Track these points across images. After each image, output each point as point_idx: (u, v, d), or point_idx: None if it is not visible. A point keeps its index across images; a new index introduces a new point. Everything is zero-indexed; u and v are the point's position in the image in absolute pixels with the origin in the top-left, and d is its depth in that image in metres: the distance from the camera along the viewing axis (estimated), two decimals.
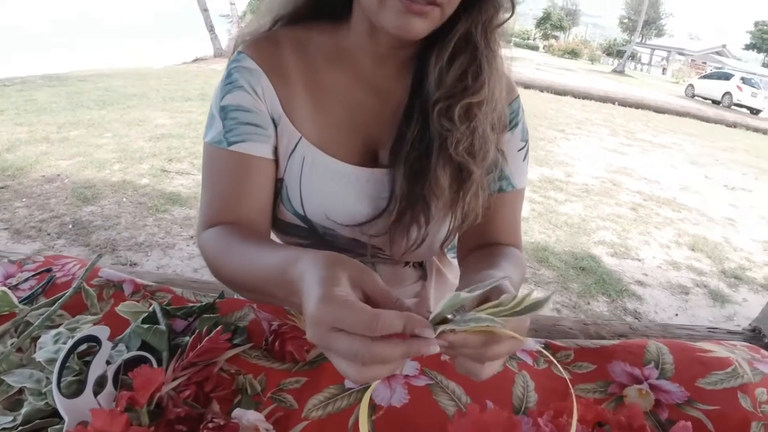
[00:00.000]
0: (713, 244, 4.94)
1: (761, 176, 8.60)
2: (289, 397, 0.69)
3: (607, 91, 15.50)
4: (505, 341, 0.52)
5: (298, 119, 0.82)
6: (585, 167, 6.93)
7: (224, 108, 0.81)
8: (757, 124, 15.67)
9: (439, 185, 0.79)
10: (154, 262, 2.97)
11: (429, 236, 0.85)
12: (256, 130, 0.81)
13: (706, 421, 0.72)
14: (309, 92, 0.83)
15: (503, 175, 0.87)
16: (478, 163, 0.80)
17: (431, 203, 0.80)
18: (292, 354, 0.73)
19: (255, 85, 0.81)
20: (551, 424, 0.65)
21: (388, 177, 0.82)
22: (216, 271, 0.79)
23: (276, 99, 0.81)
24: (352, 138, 0.84)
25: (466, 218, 0.84)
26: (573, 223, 4.75)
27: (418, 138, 0.80)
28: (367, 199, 0.84)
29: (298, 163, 0.83)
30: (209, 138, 0.82)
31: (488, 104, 0.78)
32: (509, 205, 0.90)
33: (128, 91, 7.98)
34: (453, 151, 0.78)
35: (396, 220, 0.82)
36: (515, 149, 0.89)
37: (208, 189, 0.84)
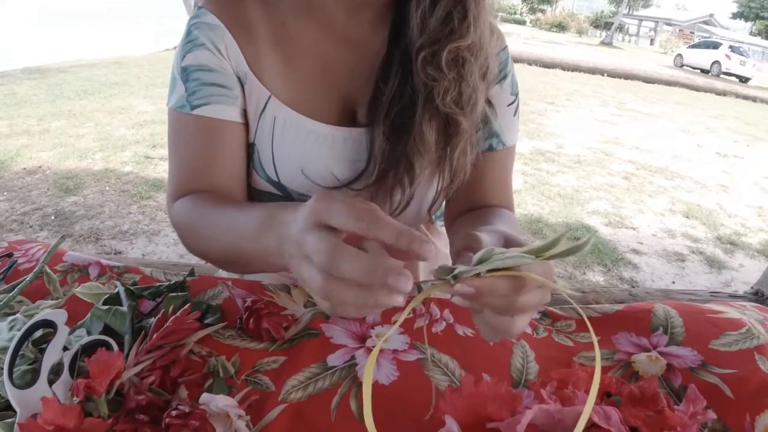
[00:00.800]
0: (707, 210, 4.91)
1: (753, 143, 8.58)
2: (266, 378, 0.62)
3: (596, 62, 15.37)
4: (534, 290, 0.47)
5: (267, 77, 0.75)
6: (576, 138, 6.87)
7: (185, 69, 0.74)
8: (746, 91, 15.64)
9: (425, 141, 0.73)
10: (140, 249, 2.90)
11: (415, 199, 0.78)
12: (221, 91, 0.74)
13: (723, 387, 0.67)
14: (277, 47, 0.76)
15: (493, 131, 0.81)
16: (467, 114, 0.73)
17: (415, 162, 0.74)
18: (269, 332, 0.66)
19: (217, 42, 0.74)
20: (555, 396, 0.59)
21: (367, 136, 0.75)
22: (191, 242, 0.73)
23: (241, 56, 0.74)
24: (327, 96, 0.77)
25: (455, 178, 0.78)
26: (566, 194, 4.70)
27: (399, 92, 0.73)
28: (345, 161, 0.77)
29: (268, 124, 0.76)
30: (172, 103, 0.76)
31: (477, 49, 0.71)
32: (499, 164, 0.84)
33: (110, 79, 7.81)
34: (440, 102, 0.71)
35: (376, 182, 0.75)
36: (505, 103, 0.82)
37: (175, 158, 0.77)
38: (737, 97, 14.87)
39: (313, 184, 0.79)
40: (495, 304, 0.48)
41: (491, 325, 0.50)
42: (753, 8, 50.57)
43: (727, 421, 0.65)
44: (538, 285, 0.47)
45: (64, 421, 0.51)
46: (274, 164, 0.77)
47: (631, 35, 53.93)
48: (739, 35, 47.15)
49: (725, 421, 0.65)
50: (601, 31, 48.47)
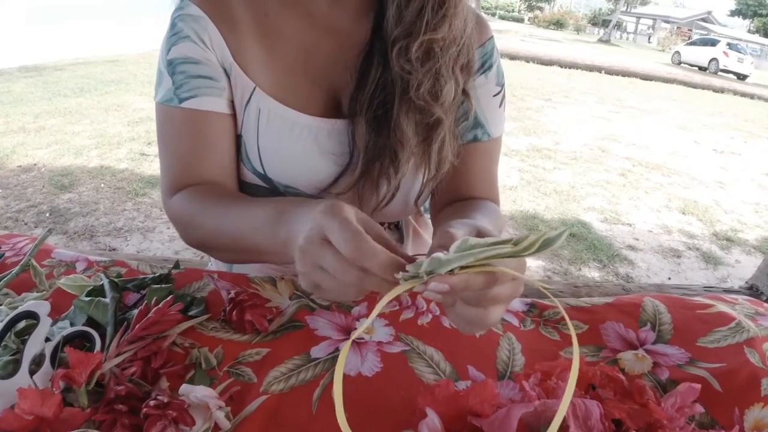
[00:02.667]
0: (704, 207, 4.91)
1: (750, 140, 8.57)
2: (248, 370, 0.62)
3: (594, 60, 15.36)
4: (507, 282, 0.48)
5: (251, 68, 0.75)
6: (573, 135, 6.86)
7: (171, 62, 0.74)
8: (744, 89, 15.63)
9: (404, 133, 0.72)
10: (134, 246, 2.89)
11: (401, 191, 0.78)
12: (208, 83, 0.74)
13: (711, 380, 0.66)
14: (261, 38, 0.75)
15: (478, 122, 0.81)
16: (443, 106, 0.73)
17: (399, 153, 0.73)
18: (252, 324, 0.66)
19: (201, 34, 0.73)
20: (538, 388, 0.59)
21: (349, 128, 0.75)
22: (192, 233, 0.74)
23: (225, 47, 0.74)
24: (311, 87, 0.77)
25: (440, 168, 0.77)
26: (562, 191, 4.70)
27: (381, 84, 0.73)
28: (330, 153, 0.77)
29: (254, 116, 0.76)
30: (159, 97, 0.76)
31: (452, 42, 0.71)
32: (484, 156, 0.83)
33: (106, 77, 7.79)
34: (414, 95, 0.71)
35: (363, 174, 0.75)
36: (490, 94, 0.81)
37: (167, 153, 0.78)
38: (735, 94, 14.86)
39: (298, 176, 0.78)
40: (468, 298, 0.48)
41: (464, 317, 0.50)
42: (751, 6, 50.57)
43: (716, 414, 0.65)
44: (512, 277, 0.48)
45: (43, 411, 0.51)
46: (259, 156, 0.77)
47: (628, 33, 53.92)
48: (737, 32, 47.11)
49: (713, 414, 0.65)
50: (598, 29, 48.47)
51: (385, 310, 0.75)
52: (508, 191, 4.51)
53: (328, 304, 0.73)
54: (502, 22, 39.31)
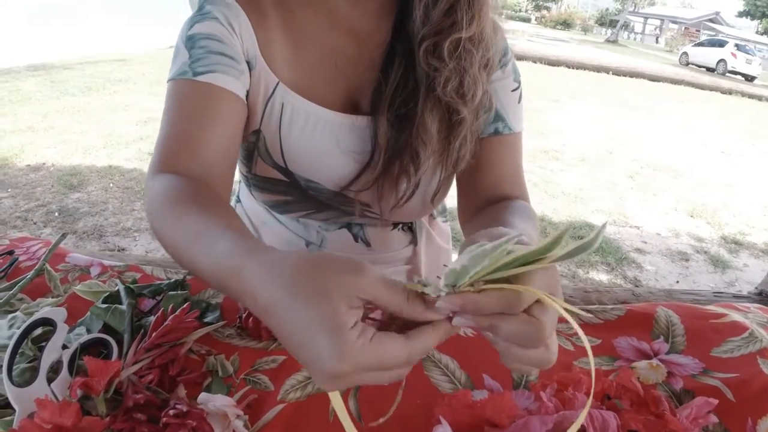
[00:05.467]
0: (712, 209, 4.88)
1: (758, 142, 8.53)
2: (265, 378, 0.62)
3: (601, 60, 15.32)
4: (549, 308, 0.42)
5: (276, 63, 0.75)
6: (580, 136, 6.84)
7: (192, 37, 0.71)
8: (752, 90, 15.56)
9: (427, 130, 0.72)
10: (143, 247, 2.90)
11: (419, 189, 0.78)
12: (228, 62, 0.70)
13: (725, 390, 0.66)
14: (286, 34, 0.75)
15: (498, 116, 0.80)
16: (467, 103, 0.73)
17: (420, 151, 0.74)
18: (268, 331, 0.66)
19: (232, 20, 0.72)
20: (555, 399, 0.59)
21: (371, 126, 0.75)
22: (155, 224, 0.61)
23: (254, 38, 0.73)
24: (333, 84, 0.77)
25: (456, 166, 0.77)
26: (570, 193, 4.68)
27: (402, 82, 0.73)
28: (352, 149, 0.77)
29: (277, 110, 0.76)
30: (173, 72, 0.71)
31: (479, 40, 0.71)
32: (509, 150, 0.82)
33: (114, 76, 7.83)
34: (441, 92, 0.71)
35: (383, 172, 0.75)
36: (508, 89, 0.81)
37: (167, 124, 0.69)
38: (743, 96, 14.79)
39: (319, 171, 0.79)
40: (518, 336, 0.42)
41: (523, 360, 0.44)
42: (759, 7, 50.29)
43: (729, 424, 0.64)
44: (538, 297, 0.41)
45: (62, 420, 0.51)
46: (281, 150, 0.77)
47: (636, 33, 53.71)
48: (745, 33, 46.91)
49: (726, 424, 0.65)
50: (606, 29, 48.31)
51: None
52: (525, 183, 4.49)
53: None
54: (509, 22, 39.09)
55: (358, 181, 0.78)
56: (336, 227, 0.90)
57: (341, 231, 0.91)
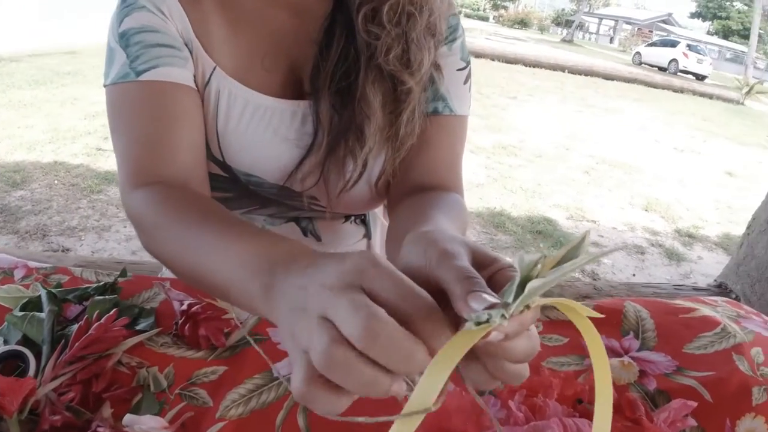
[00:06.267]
0: (666, 204, 4.99)
1: (709, 139, 8.79)
2: (203, 392, 0.55)
3: (557, 59, 15.55)
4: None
5: (212, 45, 0.68)
6: (538, 133, 6.90)
7: (124, 34, 0.64)
8: (703, 89, 16.11)
9: (370, 104, 0.67)
10: (89, 246, 2.76)
11: (367, 170, 0.72)
12: (169, 52, 0.64)
13: (701, 390, 0.63)
14: (222, 13, 0.68)
15: (439, 94, 0.74)
16: (414, 73, 0.67)
17: (364, 127, 0.68)
18: (208, 339, 0.59)
19: (159, 4, 0.65)
20: (524, 407, 0.54)
21: (313, 107, 0.69)
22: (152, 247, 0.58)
23: (186, 21, 0.66)
24: (273, 67, 0.71)
25: (402, 145, 0.71)
26: (528, 188, 4.71)
27: (343, 56, 0.67)
28: (294, 135, 0.71)
29: (213, 97, 0.69)
30: (112, 76, 0.64)
31: (422, 4, 0.66)
32: (447, 133, 0.76)
33: (62, 69, 7.51)
34: (383, 61, 0.65)
35: (328, 154, 0.69)
36: (453, 67, 0.75)
37: (123, 137, 0.64)
38: (694, 94, 15.26)
39: (260, 162, 0.72)
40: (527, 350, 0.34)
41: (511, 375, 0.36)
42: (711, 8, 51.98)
43: (707, 426, 0.61)
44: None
45: None
46: (218, 142, 0.70)
47: (591, 33, 54.85)
48: (697, 34, 48.44)
49: (704, 426, 0.61)
50: (562, 29, 49.17)
51: None
52: (475, 188, 4.50)
53: None
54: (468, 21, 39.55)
55: (302, 168, 0.71)
56: (282, 221, 0.84)
57: (289, 225, 0.84)
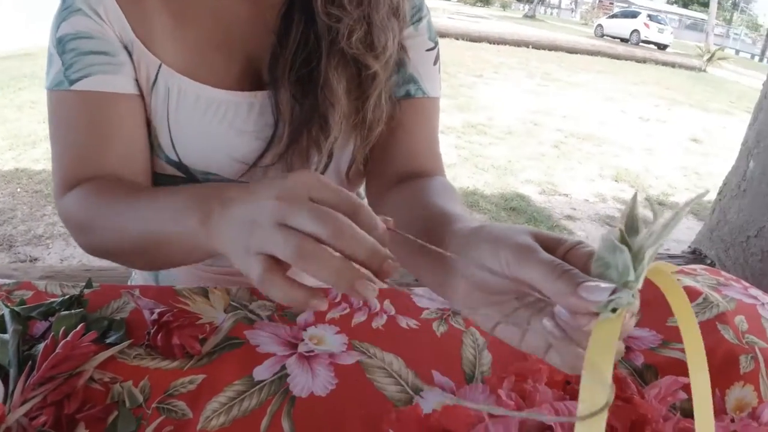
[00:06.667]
0: (635, 173, 5.06)
1: (673, 107, 8.93)
2: (181, 404, 0.53)
3: (521, 35, 15.58)
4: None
5: (156, 43, 0.65)
6: (506, 110, 6.92)
7: (61, 40, 0.63)
8: (665, 58, 16.37)
9: (333, 91, 0.65)
10: (57, 254, 2.69)
11: (333, 161, 0.70)
12: (102, 59, 0.63)
13: None
14: (166, 9, 0.65)
15: (410, 77, 0.72)
16: (378, 56, 0.65)
17: (328, 115, 0.66)
18: (182, 347, 0.57)
19: (95, 5, 0.63)
20: (515, 394, 0.53)
21: (272, 97, 0.67)
22: (91, 237, 0.64)
23: (124, 21, 0.64)
24: (227, 58, 0.68)
25: (370, 132, 0.69)
26: (499, 165, 4.73)
27: (302, 43, 0.65)
28: (253, 129, 0.68)
29: (162, 96, 0.66)
30: (48, 82, 0.65)
31: None
32: (423, 116, 0.74)
33: (20, 72, 7.28)
34: (345, 44, 0.63)
35: (290, 145, 0.66)
36: (422, 48, 0.74)
37: (57, 144, 0.67)
38: (657, 64, 15.47)
39: (218, 159, 0.69)
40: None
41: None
42: None
43: None
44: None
45: None
46: (172, 142, 0.68)
47: (552, 8, 55.09)
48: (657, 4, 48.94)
49: None
50: (523, 5, 49.26)
51: (335, 315, 0.67)
52: (447, 168, 4.42)
53: (269, 315, 0.65)
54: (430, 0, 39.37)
55: (263, 161, 0.68)
56: None
57: None
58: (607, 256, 0.33)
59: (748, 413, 0.62)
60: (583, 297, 0.32)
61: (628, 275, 0.31)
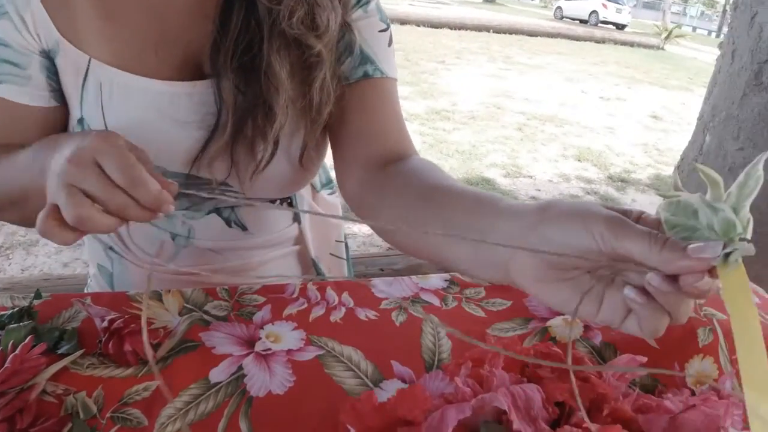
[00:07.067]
0: (597, 152, 5.14)
1: (632, 85, 9.08)
2: (136, 412, 0.52)
3: (481, 19, 15.62)
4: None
5: (85, 38, 0.64)
6: (468, 95, 6.95)
7: None
8: (624, 37, 16.64)
9: (277, 75, 0.64)
10: (18, 264, 2.62)
11: (282, 149, 0.69)
12: (14, 71, 0.64)
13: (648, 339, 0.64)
14: (96, 6, 0.63)
15: (366, 57, 0.71)
16: (321, 36, 0.65)
17: (273, 101, 0.64)
18: (135, 354, 0.56)
19: (22, 11, 0.61)
20: (471, 380, 0.53)
21: (214, 86, 0.65)
22: None
23: (50, 23, 0.62)
24: (164, 49, 0.66)
25: (319, 115, 0.68)
26: (464, 150, 4.75)
27: (243, 29, 0.64)
28: (194, 119, 0.67)
29: (94, 91, 0.65)
30: None
31: None
32: (385, 96, 0.73)
33: None
34: (287, 25, 0.62)
35: (235, 134, 0.65)
36: (374, 29, 0.73)
37: None
38: (615, 44, 15.71)
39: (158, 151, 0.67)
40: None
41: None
42: None
43: (656, 374, 0.62)
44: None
45: None
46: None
47: None
48: None
49: (654, 374, 0.63)
50: None
51: (292, 311, 0.67)
52: None
53: (225, 315, 0.65)
54: None
55: (207, 152, 0.67)
56: (202, 214, 0.78)
57: (210, 217, 0.79)
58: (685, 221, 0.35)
59: (709, 386, 0.64)
60: (699, 257, 0.34)
61: (735, 229, 0.34)
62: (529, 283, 0.42)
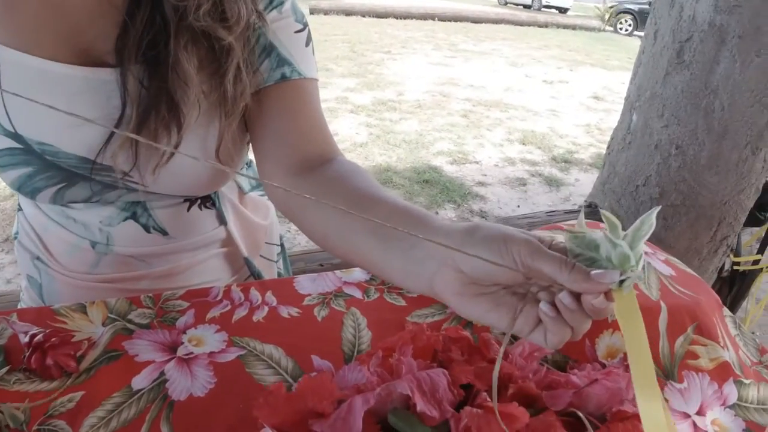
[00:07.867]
0: (541, 135, 5.26)
1: (575, 68, 9.28)
2: (62, 423, 0.54)
3: (426, 8, 15.67)
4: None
5: None
6: (415, 84, 7.01)
7: None
8: (566, 21, 16.95)
9: (184, 70, 0.64)
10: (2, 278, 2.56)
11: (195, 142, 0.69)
12: None
13: None
14: None
15: (282, 60, 0.72)
16: (232, 28, 0.65)
17: (179, 98, 0.65)
18: (58, 366, 0.58)
19: None
20: (381, 369, 0.57)
21: (119, 78, 0.65)
22: None
23: None
24: (65, 40, 0.65)
25: (235, 108, 0.69)
26: (411, 140, 4.81)
27: (150, 21, 0.64)
28: (98, 107, 0.66)
29: None
30: None
31: None
32: (305, 98, 0.74)
33: None
34: (193, 18, 0.62)
35: (138, 127, 0.65)
36: (290, 30, 0.73)
37: None
38: (558, 27, 16.01)
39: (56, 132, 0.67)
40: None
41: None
42: None
43: (567, 350, 0.66)
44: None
45: None
46: (6, 113, 0.66)
47: None
48: None
49: (565, 351, 0.67)
50: None
51: (215, 314, 0.69)
52: (359, 148, 4.53)
53: (148, 322, 0.67)
54: None
55: (110, 145, 0.67)
56: (119, 220, 0.78)
57: (127, 223, 0.78)
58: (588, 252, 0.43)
59: (620, 359, 0.68)
60: (599, 282, 0.41)
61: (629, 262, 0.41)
62: (451, 295, 0.48)
